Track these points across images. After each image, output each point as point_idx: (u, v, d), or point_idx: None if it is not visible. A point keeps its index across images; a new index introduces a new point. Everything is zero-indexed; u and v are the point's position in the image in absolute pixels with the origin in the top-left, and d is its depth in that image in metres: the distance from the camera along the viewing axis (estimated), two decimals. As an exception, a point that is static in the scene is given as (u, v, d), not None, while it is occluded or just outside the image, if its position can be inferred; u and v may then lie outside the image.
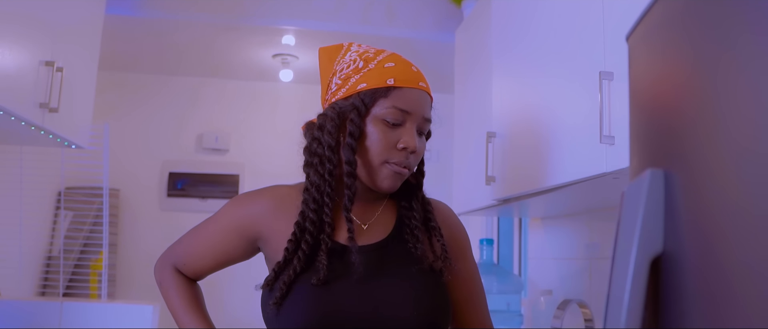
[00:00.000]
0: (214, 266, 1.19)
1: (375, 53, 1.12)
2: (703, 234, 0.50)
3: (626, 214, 0.60)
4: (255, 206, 1.14)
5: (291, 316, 1.03)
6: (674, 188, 0.55)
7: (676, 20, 0.58)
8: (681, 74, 0.57)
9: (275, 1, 2.82)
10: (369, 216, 1.13)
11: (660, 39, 0.63)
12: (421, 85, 1.09)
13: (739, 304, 0.43)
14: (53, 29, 1.89)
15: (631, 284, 0.54)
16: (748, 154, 0.43)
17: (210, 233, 1.17)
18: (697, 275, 0.50)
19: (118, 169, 3.35)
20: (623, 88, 1.10)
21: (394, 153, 1.07)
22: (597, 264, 1.82)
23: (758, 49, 0.43)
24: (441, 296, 1.08)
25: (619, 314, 0.55)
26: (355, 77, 1.09)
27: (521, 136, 1.64)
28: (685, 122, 0.55)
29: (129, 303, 2.37)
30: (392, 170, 1.07)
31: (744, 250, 0.43)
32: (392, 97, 1.06)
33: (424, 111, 1.09)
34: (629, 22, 0.72)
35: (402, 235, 1.11)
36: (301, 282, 1.04)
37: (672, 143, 0.57)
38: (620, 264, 0.58)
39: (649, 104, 0.65)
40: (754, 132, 0.42)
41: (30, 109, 1.76)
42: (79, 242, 3.17)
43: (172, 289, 1.19)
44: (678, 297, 0.53)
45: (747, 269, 0.43)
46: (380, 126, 1.06)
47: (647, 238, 0.55)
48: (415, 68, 1.11)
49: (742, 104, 0.44)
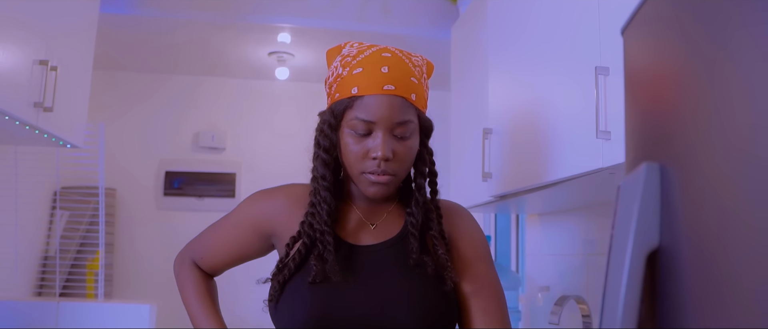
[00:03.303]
0: (231, 262, 1.21)
1: (355, 55, 1.08)
2: (699, 228, 0.49)
3: (622, 208, 0.59)
4: (269, 204, 1.16)
5: (286, 314, 1.04)
6: (670, 182, 0.55)
7: (670, 14, 0.58)
8: (676, 68, 0.56)
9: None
10: (377, 216, 1.13)
11: (654, 33, 0.62)
12: (386, 88, 1.04)
13: (735, 297, 0.43)
14: (47, 28, 1.88)
15: (627, 278, 0.54)
16: (743, 148, 0.43)
17: (227, 230, 1.20)
18: (694, 268, 0.50)
19: (114, 168, 3.34)
20: (619, 83, 1.10)
21: (368, 163, 1.05)
22: (594, 260, 1.82)
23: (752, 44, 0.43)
24: (440, 301, 1.04)
25: (616, 308, 0.55)
26: (334, 85, 1.09)
27: (518, 132, 1.64)
28: (680, 116, 0.54)
29: (126, 303, 2.36)
30: (370, 180, 1.05)
31: (739, 243, 0.43)
32: (356, 107, 1.04)
33: (392, 116, 1.03)
34: (624, 16, 0.72)
35: (407, 236, 1.10)
36: (297, 281, 1.04)
37: (668, 137, 0.57)
38: (616, 258, 0.58)
39: (645, 99, 0.65)
40: (748, 126, 0.42)
41: (24, 108, 1.75)
42: (75, 242, 3.17)
43: (187, 283, 1.21)
44: (674, 290, 0.53)
45: (742, 262, 0.42)
46: (351, 137, 1.05)
47: (643, 232, 0.55)
48: (385, 69, 1.04)
49: (736, 98, 0.44)
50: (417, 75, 1.08)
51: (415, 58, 1.11)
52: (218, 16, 2.80)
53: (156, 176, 3.65)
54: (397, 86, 1.04)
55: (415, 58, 1.11)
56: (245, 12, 2.80)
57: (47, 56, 1.84)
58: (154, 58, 3.45)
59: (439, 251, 1.07)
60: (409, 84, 1.06)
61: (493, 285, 1.11)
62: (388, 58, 1.06)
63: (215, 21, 2.84)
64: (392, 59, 1.06)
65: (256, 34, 3.04)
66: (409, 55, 1.09)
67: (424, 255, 1.07)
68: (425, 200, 1.12)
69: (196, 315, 1.19)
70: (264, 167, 3.63)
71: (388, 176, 1.05)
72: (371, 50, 1.08)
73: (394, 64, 1.05)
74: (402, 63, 1.07)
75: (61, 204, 3.15)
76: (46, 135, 1.95)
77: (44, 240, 3.21)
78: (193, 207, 3.60)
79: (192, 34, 3.06)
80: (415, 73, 1.08)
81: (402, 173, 1.08)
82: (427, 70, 1.15)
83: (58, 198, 3.09)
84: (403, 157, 1.06)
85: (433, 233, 1.10)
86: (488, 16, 1.94)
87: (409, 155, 1.07)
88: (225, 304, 1.31)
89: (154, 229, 3.53)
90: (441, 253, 1.07)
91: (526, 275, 2.39)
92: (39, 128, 1.85)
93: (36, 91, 1.80)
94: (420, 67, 1.11)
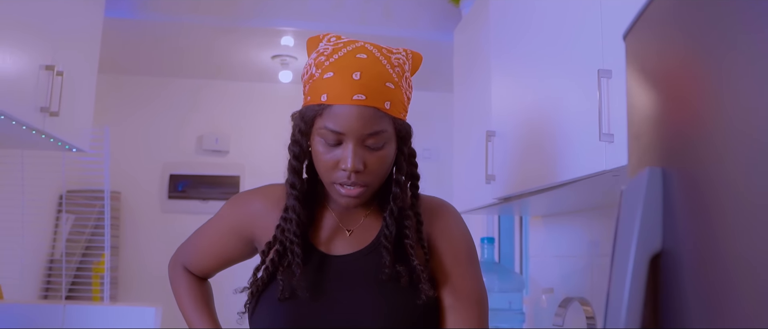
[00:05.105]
0: (217, 266, 1.19)
1: (329, 54, 1.01)
2: (702, 231, 0.50)
3: (625, 212, 0.60)
4: (248, 206, 1.14)
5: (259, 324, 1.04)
6: (673, 186, 0.55)
7: (673, 18, 0.59)
8: (678, 72, 0.57)
9: (273, 3, 2.82)
10: (354, 221, 1.09)
11: (657, 37, 0.63)
12: (356, 98, 0.96)
13: (738, 301, 0.44)
14: (53, 34, 1.89)
15: (630, 281, 0.55)
16: (746, 151, 0.43)
17: (210, 234, 1.19)
18: (696, 272, 0.50)
19: (118, 172, 3.36)
20: (622, 85, 1.10)
21: (339, 174, 0.99)
22: (598, 262, 1.82)
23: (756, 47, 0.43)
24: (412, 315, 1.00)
25: (619, 311, 0.55)
26: (307, 86, 1.03)
27: (521, 134, 1.65)
28: (683, 119, 0.55)
29: (131, 306, 2.38)
30: (340, 192, 1.00)
31: (742, 246, 0.43)
32: (325, 116, 0.98)
33: (362, 127, 0.96)
34: (627, 19, 0.72)
35: (380, 246, 1.04)
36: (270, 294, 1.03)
37: (670, 141, 0.58)
38: (620, 261, 0.58)
39: (647, 103, 0.66)
40: (752, 130, 0.43)
41: (31, 113, 1.76)
42: (80, 245, 3.18)
43: (181, 288, 1.21)
44: (677, 293, 0.53)
45: (745, 265, 0.43)
46: (321, 146, 1.00)
47: (646, 236, 0.56)
48: (356, 75, 0.97)
49: (740, 102, 0.45)
50: (395, 78, 1.01)
51: (397, 55, 1.03)
52: (222, 20, 2.81)
53: (160, 179, 3.66)
54: (369, 94, 0.97)
55: (395, 57, 1.03)
56: (248, 16, 2.81)
57: (53, 61, 1.86)
58: (158, 61, 3.46)
59: (414, 262, 1.03)
60: (383, 91, 0.98)
61: (471, 295, 1.06)
62: (362, 61, 0.98)
63: (219, 25, 2.85)
64: (366, 62, 0.98)
65: (259, 38, 3.05)
66: (388, 54, 1.02)
67: (399, 264, 1.02)
68: (402, 207, 1.06)
69: (190, 318, 1.19)
70: (267, 169, 3.63)
71: (360, 187, 1.00)
72: (346, 50, 1.00)
73: (368, 68, 0.98)
74: (377, 66, 0.99)
75: (66, 208, 3.16)
76: (53, 139, 1.97)
77: (50, 243, 3.23)
78: (197, 210, 3.61)
79: (195, 38, 3.07)
80: (393, 75, 1.00)
81: (375, 184, 1.02)
82: (412, 65, 1.08)
83: (63, 202, 3.11)
84: (375, 168, 1.00)
85: (410, 241, 1.04)
86: (491, 19, 1.94)
87: (383, 165, 1.01)
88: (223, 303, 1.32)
89: (158, 232, 3.54)
90: (416, 264, 1.02)
91: (530, 277, 2.39)
92: (45, 133, 1.86)
93: (42, 96, 1.82)
94: (400, 66, 1.03)
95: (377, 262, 1.03)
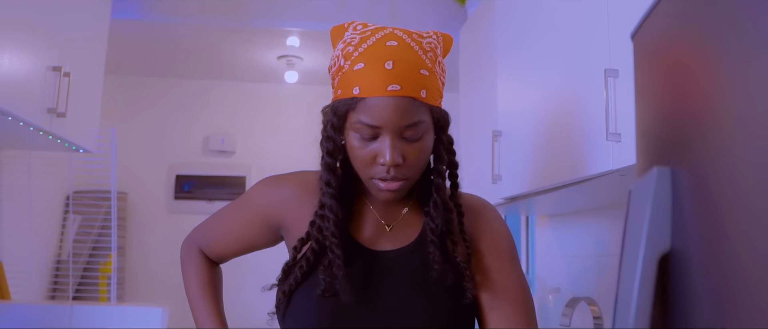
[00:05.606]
0: (237, 251, 1.15)
1: (358, 44, 0.95)
2: (711, 231, 0.50)
3: (634, 212, 0.60)
4: (278, 192, 1.08)
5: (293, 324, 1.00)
6: (682, 186, 0.55)
7: (681, 18, 0.58)
8: (687, 72, 0.57)
9: (279, 3, 2.83)
10: (394, 216, 1.05)
11: (665, 36, 0.63)
12: (391, 88, 0.91)
13: (748, 301, 0.43)
14: (60, 35, 1.90)
15: (639, 282, 0.54)
16: (755, 151, 0.43)
17: (233, 218, 1.13)
18: (706, 272, 0.50)
19: (125, 172, 3.37)
20: (629, 85, 1.10)
21: (377, 168, 0.95)
22: (605, 262, 1.82)
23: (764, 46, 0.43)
24: (458, 318, 0.98)
25: (628, 312, 0.55)
26: (337, 79, 0.98)
27: (527, 134, 1.64)
28: (691, 119, 0.55)
29: (138, 306, 2.39)
30: (379, 187, 0.96)
31: (752, 246, 0.43)
32: (358, 109, 0.93)
33: (399, 119, 0.92)
34: (634, 18, 0.72)
35: (426, 243, 1.00)
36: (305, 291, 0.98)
37: (679, 141, 0.57)
38: (628, 261, 0.58)
39: (655, 102, 0.65)
40: (761, 129, 0.42)
41: (38, 114, 1.77)
42: (87, 245, 3.20)
43: (191, 271, 1.16)
44: (687, 294, 0.53)
45: (755, 265, 0.43)
46: (356, 141, 0.95)
47: (655, 236, 0.55)
48: (389, 65, 0.92)
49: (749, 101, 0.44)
50: (428, 63, 0.95)
51: (428, 39, 0.98)
52: (228, 21, 2.82)
53: (166, 180, 3.67)
54: (404, 84, 0.92)
55: (426, 41, 0.97)
56: (254, 16, 2.82)
57: (60, 63, 1.86)
58: (164, 62, 3.47)
59: (458, 258, 0.99)
60: (418, 79, 0.93)
61: (516, 292, 1.01)
62: (393, 49, 0.93)
63: (225, 26, 2.86)
64: (398, 50, 0.93)
65: (265, 38, 3.06)
66: (419, 39, 0.96)
67: (444, 262, 0.99)
68: (444, 199, 1.01)
69: (195, 304, 1.14)
70: (274, 169, 3.58)
71: (399, 181, 0.95)
72: (375, 38, 0.95)
73: (400, 56, 0.93)
74: (409, 53, 0.94)
75: (73, 208, 3.18)
76: (59, 140, 1.98)
77: (57, 244, 3.24)
78: (204, 210, 3.62)
79: (202, 38, 3.08)
80: (427, 61, 0.95)
81: (415, 176, 0.98)
82: (443, 48, 1.02)
83: (70, 202, 3.12)
84: (414, 160, 0.95)
85: (453, 237, 1.00)
86: (496, 18, 1.94)
87: (422, 156, 0.97)
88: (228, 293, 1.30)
89: (164, 232, 3.55)
90: (460, 261, 0.99)
91: (537, 276, 2.38)
92: (52, 134, 1.87)
93: (49, 97, 1.82)
94: (432, 50, 0.98)
95: (422, 259, 1.00)
